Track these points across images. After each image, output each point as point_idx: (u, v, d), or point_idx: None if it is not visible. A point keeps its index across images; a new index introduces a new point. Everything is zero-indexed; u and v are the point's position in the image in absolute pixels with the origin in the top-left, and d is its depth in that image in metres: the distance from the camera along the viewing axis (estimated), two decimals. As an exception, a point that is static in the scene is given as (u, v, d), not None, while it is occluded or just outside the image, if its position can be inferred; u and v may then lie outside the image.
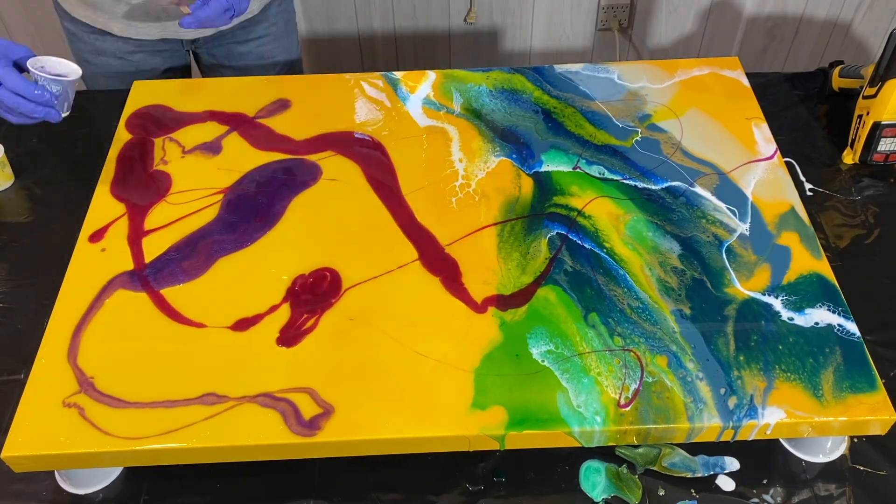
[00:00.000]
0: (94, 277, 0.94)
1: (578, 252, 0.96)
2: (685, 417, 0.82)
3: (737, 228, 0.99)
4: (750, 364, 0.86)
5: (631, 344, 0.87)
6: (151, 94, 1.19)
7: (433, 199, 1.03)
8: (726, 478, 0.89)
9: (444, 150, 1.10)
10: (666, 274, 0.94)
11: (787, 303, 0.91)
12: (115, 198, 1.03)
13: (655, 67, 1.22)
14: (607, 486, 0.88)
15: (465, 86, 1.19)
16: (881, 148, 1.16)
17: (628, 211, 1.01)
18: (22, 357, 0.96)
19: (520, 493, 0.88)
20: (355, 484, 0.89)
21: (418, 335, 0.88)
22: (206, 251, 0.97)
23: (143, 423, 0.82)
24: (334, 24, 2.07)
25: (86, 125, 1.25)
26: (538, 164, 1.08)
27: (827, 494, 0.88)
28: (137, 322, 0.90)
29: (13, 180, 1.17)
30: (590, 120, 1.14)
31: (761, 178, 1.05)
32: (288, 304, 0.91)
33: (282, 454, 0.83)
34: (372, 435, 0.81)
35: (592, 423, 0.81)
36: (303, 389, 0.84)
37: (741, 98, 1.17)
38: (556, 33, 2.12)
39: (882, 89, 1.13)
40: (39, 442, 0.81)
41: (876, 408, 0.82)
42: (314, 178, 1.06)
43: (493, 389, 0.84)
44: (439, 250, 0.97)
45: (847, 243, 1.09)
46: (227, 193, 1.04)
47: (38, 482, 0.89)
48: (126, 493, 0.89)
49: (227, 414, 0.82)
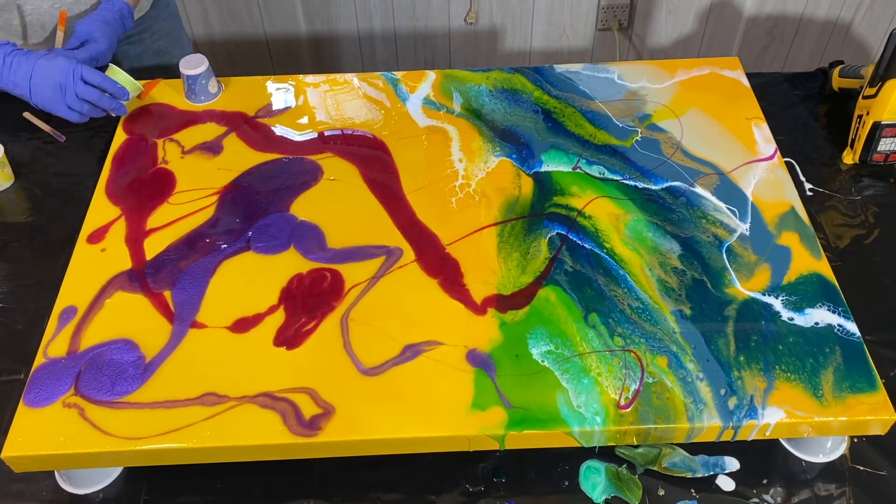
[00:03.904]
0: (93, 278, 0.94)
1: (578, 252, 0.96)
2: (685, 418, 0.82)
3: (737, 228, 0.99)
4: (750, 364, 0.86)
5: (631, 344, 0.87)
6: (151, 94, 1.19)
7: (433, 199, 1.03)
8: (726, 478, 0.89)
9: (444, 150, 1.10)
10: (666, 274, 0.94)
11: (788, 303, 0.91)
12: (115, 198, 1.04)
13: (655, 67, 1.22)
14: (607, 487, 0.87)
15: (465, 86, 1.19)
16: (881, 148, 1.16)
17: (628, 211, 1.01)
18: (22, 357, 0.96)
19: (520, 493, 0.88)
20: (355, 484, 0.89)
21: (418, 335, 0.88)
22: (206, 252, 0.97)
23: (143, 423, 0.82)
24: (334, 24, 2.07)
25: (85, 125, 1.25)
26: (538, 164, 1.07)
27: (827, 494, 0.88)
28: (137, 322, 0.90)
29: (13, 180, 1.17)
30: (590, 120, 1.14)
31: (761, 178, 1.05)
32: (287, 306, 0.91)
33: (282, 454, 0.83)
34: (372, 435, 0.81)
35: (592, 424, 0.81)
36: (303, 389, 0.84)
37: (741, 98, 1.17)
38: (556, 33, 2.12)
39: (882, 89, 1.13)
40: (39, 442, 0.81)
41: (876, 408, 0.82)
42: (314, 178, 1.06)
43: (493, 389, 0.84)
44: (440, 250, 0.97)
45: (847, 243, 1.09)
46: (227, 193, 1.04)
47: (38, 482, 0.89)
48: (126, 493, 0.89)
49: (227, 414, 0.82)
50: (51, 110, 1.07)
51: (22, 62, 1.05)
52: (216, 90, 1.18)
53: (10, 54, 1.05)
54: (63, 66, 1.05)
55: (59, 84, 1.05)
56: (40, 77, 1.04)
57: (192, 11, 2.00)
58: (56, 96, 1.05)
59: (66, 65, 1.05)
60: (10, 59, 1.05)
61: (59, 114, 1.07)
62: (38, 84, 1.05)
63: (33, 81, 1.05)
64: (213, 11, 2.03)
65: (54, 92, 1.05)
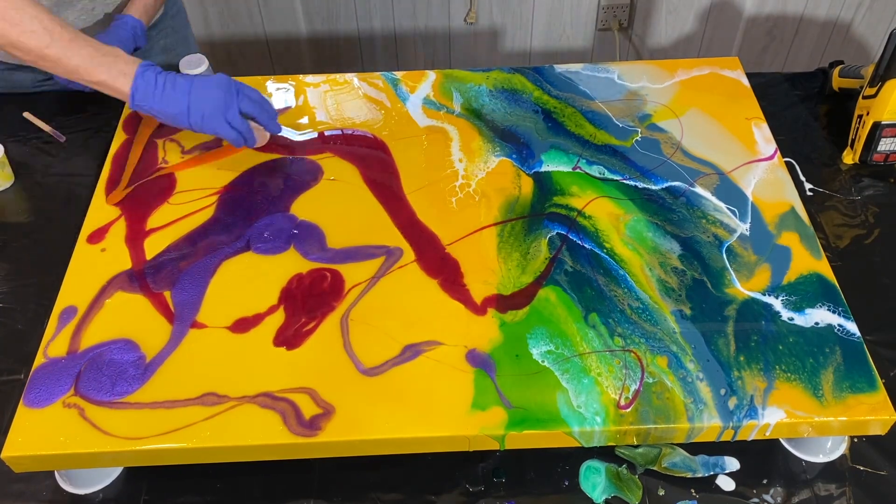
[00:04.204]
0: (93, 278, 0.94)
1: (578, 252, 0.96)
2: (685, 418, 0.82)
3: (737, 228, 0.99)
4: (750, 364, 0.86)
5: (631, 344, 0.87)
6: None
7: (433, 199, 1.03)
8: (726, 478, 0.89)
9: (444, 150, 1.10)
10: (666, 274, 0.94)
11: (788, 303, 0.91)
12: (115, 198, 1.03)
13: (655, 67, 1.22)
14: (607, 487, 0.87)
15: (465, 86, 1.19)
16: (881, 148, 1.16)
17: (628, 211, 1.01)
18: (22, 357, 0.96)
19: (520, 493, 0.88)
20: (355, 484, 0.89)
21: (418, 335, 0.88)
22: (206, 252, 0.97)
23: (143, 423, 0.81)
24: (334, 24, 2.07)
25: (85, 125, 1.25)
26: (538, 164, 1.07)
27: (827, 494, 0.88)
28: (137, 322, 0.90)
29: (13, 180, 1.17)
30: (590, 120, 1.14)
31: (761, 178, 1.05)
32: (287, 306, 0.91)
33: (282, 454, 0.83)
34: (372, 435, 0.81)
35: (592, 424, 0.81)
36: (303, 389, 0.84)
37: (741, 98, 1.17)
38: (556, 33, 2.12)
39: (882, 89, 1.13)
40: (39, 442, 0.81)
41: (876, 408, 0.82)
42: (314, 178, 1.06)
43: (493, 389, 0.84)
44: (440, 250, 0.97)
45: (847, 243, 1.09)
46: (227, 193, 1.04)
47: (38, 482, 0.89)
48: (126, 493, 0.89)
49: (227, 414, 0.82)
50: (206, 130, 1.01)
51: (178, 80, 0.99)
52: None
53: (160, 74, 0.99)
54: (225, 83, 1.00)
55: (222, 101, 0.99)
56: (200, 95, 0.99)
57: (192, 11, 2.00)
58: (217, 113, 1.00)
59: (227, 81, 1.00)
60: (163, 78, 0.99)
61: (217, 133, 1.01)
62: (198, 101, 0.99)
63: (192, 98, 0.98)
64: (213, 11, 2.03)
65: (215, 109, 0.99)
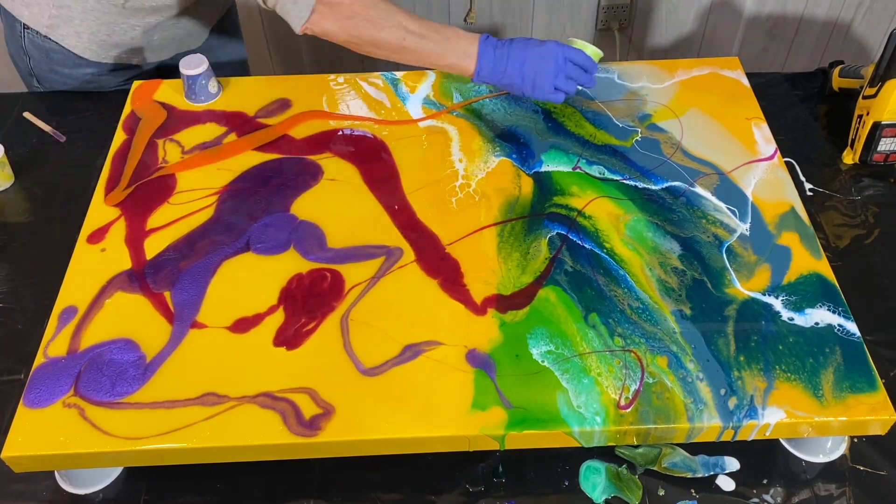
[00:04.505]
0: (93, 278, 0.94)
1: (579, 252, 0.96)
2: (685, 418, 0.82)
3: (737, 228, 0.99)
4: (750, 364, 0.86)
5: (631, 344, 0.87)
6: (151, 95, 1.19)
7: (433, 199, 1.03)
8: (726, 478, 0.89)
9: (444, 150, 1.10)
10: (666, 274, 0.94)
11: (788, 303, 0.91)
12: (115, 198, 1.03)
13: (655, 67, 1.22)
14: (607, 487, 0.87)
15: (465, 86, 1.19)
16: (881, 148, 1.16)
17: (628, 211, 1.01)
18: (22, 357, 0.96)
19: (520, 493, 0.88)
20: (355, 484, 0.89)
21: (418, 335, 0.88)
22: (206, 252, 0.97)
23: (143, 423, 0.81)
24: (334, 24, 2.06)
25: (85, 125, 1.25)
26: (538, 164, 1.07)
27: (827, 494, 0.88)
28: (137, 322, 0.90)
29: (13, 180, 1.17)
30: (590, 120, 1.14)
31: (761, 178, 1.05)
32: (287, 306, 0.91)
33: (282, 454, 0.83)
34: (372, 435, 0.81)
35: (592, 424, 0.81)
36: (303, 389, 0.84)
37: (741, 98, 1.17)
38: (556, 33, 2.11)
39: (882, 89, 1.13)
40: (39, 442, 0.81)
41: (876, 408, 0.82)
42: (314, 178, 1.06)
43: (493, 389, 0.84)
44: (440, 250, 0.97)
45: (847, 243, 1.09)
46: (227, 193, 1.04)
47: (38, 482, 0.89)
48: (126, 493, 0.89)
49: (227, 414, 0.82)
50: (536, 97, 1.06)
51: (512, 53, 1.04)
52: (216, 90, 1.18)
53: (497, 49, 1.05)
54: (555, 49, 1.04)
55: (551, 72, 1.04)
56: (532, 68, 1.04)
57: (192, 11, 2.00)
58: (546, 84, 1.05)
59: (555, 52, 1.04)
60: (500, 52, 1.04)
61: (545, 99, 1.06)
62: (531, 73, 1.04)
63: (526, 68, 1.04)
64: (213, 11, 2.03)
65: (544, 80, 1.04)
